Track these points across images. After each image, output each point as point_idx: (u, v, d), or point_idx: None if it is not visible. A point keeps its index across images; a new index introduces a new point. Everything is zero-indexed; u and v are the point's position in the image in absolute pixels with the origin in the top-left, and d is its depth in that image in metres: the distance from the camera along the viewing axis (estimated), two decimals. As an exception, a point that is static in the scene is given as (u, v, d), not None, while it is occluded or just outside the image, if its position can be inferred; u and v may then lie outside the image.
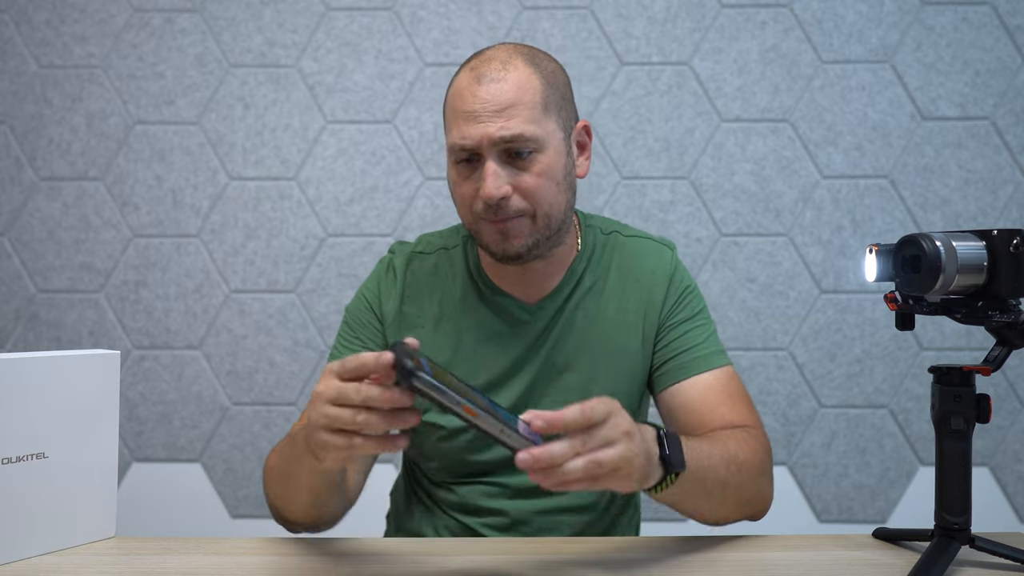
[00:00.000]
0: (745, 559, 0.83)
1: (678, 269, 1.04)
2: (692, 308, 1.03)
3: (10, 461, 0.80)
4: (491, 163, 0.89)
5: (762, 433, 0.96)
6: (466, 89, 0.90)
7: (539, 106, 0.90)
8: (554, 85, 0.93)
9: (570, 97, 0.97)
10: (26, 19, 1.83)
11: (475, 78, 0.90)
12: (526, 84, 0.90)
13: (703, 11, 1.81)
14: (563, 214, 0.94)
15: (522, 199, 0.90)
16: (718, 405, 0.96)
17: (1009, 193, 1.79)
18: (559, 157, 0.92)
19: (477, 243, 0.97)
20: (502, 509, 1.00)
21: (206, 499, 1.81)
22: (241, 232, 1.82)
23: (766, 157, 1.80)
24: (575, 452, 0.66)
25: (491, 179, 0.88)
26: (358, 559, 0.82)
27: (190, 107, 1.83)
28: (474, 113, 0.88)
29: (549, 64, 0.94)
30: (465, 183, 0.92)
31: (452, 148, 0.91)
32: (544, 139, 0.90)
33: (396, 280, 1.04)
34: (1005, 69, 1.79)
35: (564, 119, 0.94)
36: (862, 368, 1.79)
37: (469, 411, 0.63)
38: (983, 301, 0.76)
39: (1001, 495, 1.79)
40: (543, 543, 0.89)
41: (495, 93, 0.88)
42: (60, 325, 1.82)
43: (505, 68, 0.90)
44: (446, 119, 0.94)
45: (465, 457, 1.00)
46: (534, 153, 0.90)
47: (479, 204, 0.91)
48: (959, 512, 0.78)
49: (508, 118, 0.88)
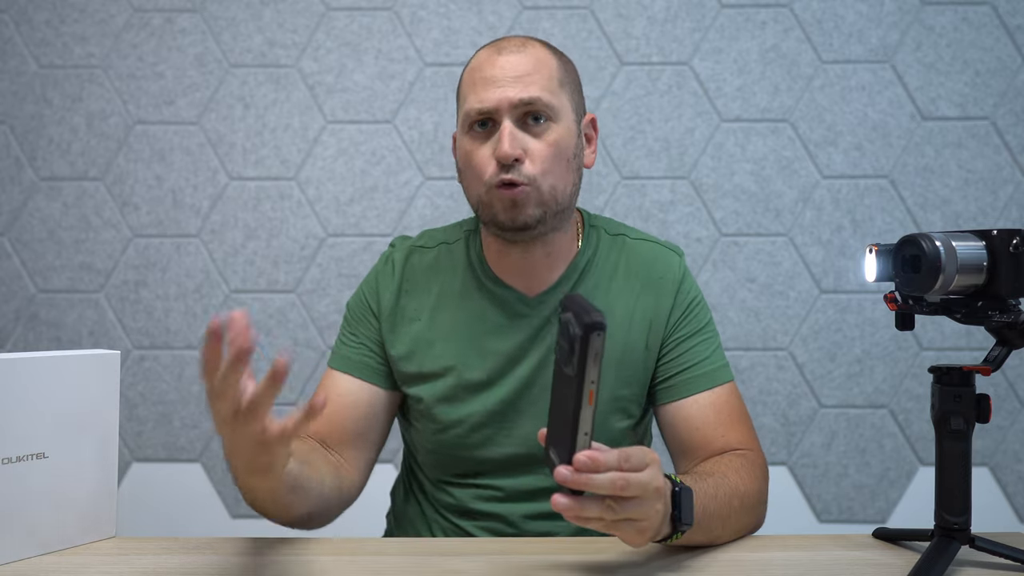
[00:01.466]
0: (745, 559, 0.83)
1: (686, 278, 1.04)
2: (698, 321, 1.02)
3: (10, 461, 0.80)
4: (508, 123, 0.92)
5: (760, 455, 0.97)
6: (485, 61, 0.94)
7: (555, 80, 0.94)
8: (568, 70, 0.98)
9: (580, 88, 1.01)
10: (26, 19, 1.83)
11: (495, 50, 0.95)
12: (544, 59, 0.95)
13: (703, 11, 1.81)
14: (569, 195, 0.96)
15: (531, 166, 0.92)
16: (719, 425, 0.97)
17: (1009, 193, 1.79)
18: (570, 136, 0.95)
19: (486, 220, 0.96)
20: (497, 513, 1.00)
21: (206, 499, 1.81)
22: (241, 232, 1.82)
23: (766, 157, 1.80)
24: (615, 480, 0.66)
25: (507, 138, 0.90)
26: (358, 559, 0.82)
27: (190, 107, 1.83)
28: (493, 78, 0.92)
29: (564, 56, 0.99)
30: (480, 149, 0.94)
31: (469, 113, 0.93)
32: (558, 110, 0.94)
33: (394, 273, 1.04)
34: (1005, 69, 1.79)
35: (575, 103, 0.98)
36: (862, 368, 1.79)
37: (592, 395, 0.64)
38: (983, 301, 0.76)
39: (1001, 495, 1.79)
40: (543, 543, 0.89)
41: (515, 63, 0.93)
42: (60, 325, 1.82)
43: (524, 45, 0.95)
44: (461, 92, 0.97)
45: (458, 453, 1.00)
46: (548, 121, 0.93)
47: (492, 168, 0.92)
48: (959, 512, 0.78)
49: (526, 84, 0.92)
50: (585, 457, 0.65)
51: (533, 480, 0.99)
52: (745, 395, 1.79)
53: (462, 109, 0.96)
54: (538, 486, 0.99)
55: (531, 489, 0.99)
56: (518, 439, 0.99)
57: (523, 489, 0.99)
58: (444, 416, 0.99)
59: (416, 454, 1.07)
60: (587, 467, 0.65)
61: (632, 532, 0.70)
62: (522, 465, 0.99)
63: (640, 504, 0.69)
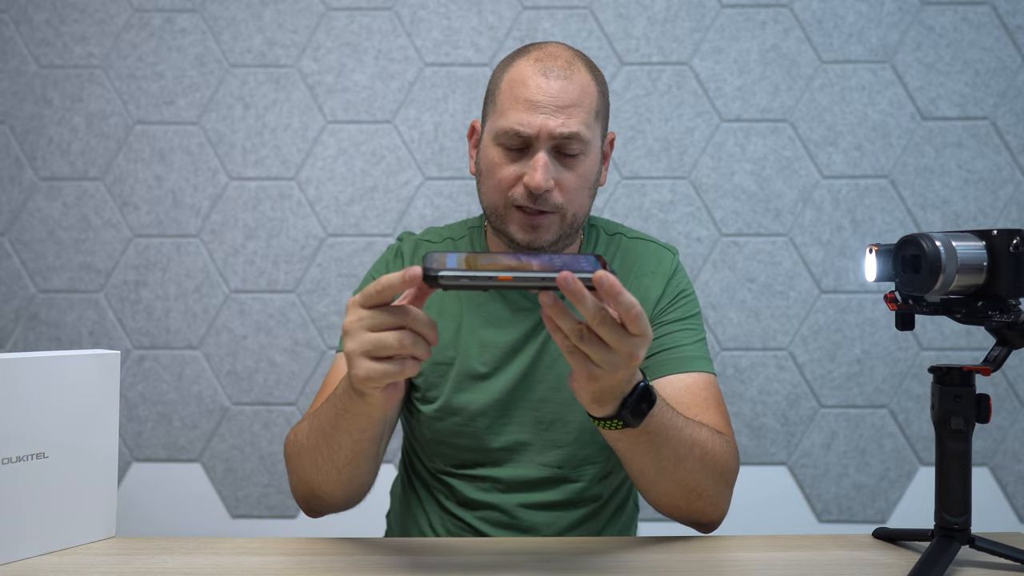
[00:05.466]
0: (745, 559, 0.83)
1: (678, 271, 1.06)
2: (685, 311, 1.03)
3: (10, 461, 0.80)
4: (543, 154, 0.91)
5: (734, 443, 0.94)
6: (531, 79, 0.92)
7: (593, 111, 0.94)
8: (604, 96, 0.98)
9: (609, 107, 1.01)
10: (26, 19, 1.83)
11: (541, 71, 0.93)
12: (588, 89, 0.94)
13: (703, 11, 1.81)
14: (585, 216, 0.98)
15: (560, 195, 0.93)
16: (693, 406, 0.95)
17: (1009, 193, 1.79)
18: (595, 164, 0.97)
19: (498, 228, 0.97)
20: (495, 503, 1.00)
21: (206, 499, 1.81)
22: (241, 232, 1.82)
23: (766, 157, 1.80)
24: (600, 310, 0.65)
25: (542, 171, 0.91)
26: (358, 559, 0.82)
27: (190, 107, 1.83)
28: (537, 104, 0.91)
29: (601, 75, 0.99)
30: (508, 167, 0.94)
31: (504, 132, 0.92)
32: (591, 143, 0.95)
33: (402, 263, 1.06)
34: (1005, 69, 1.79)
35: (603, 128, 0.99)
36: (862, 368, 1.79)
37: (503, 280, 0.64)
38: (983, 301, 0.76)
39: (1001, 495, 1.79)
40: (543, 543, 0.89)
41: (560, 90, 0.92)
42: (60, 325, 1.82)
43: (571, 68, 0.93)
44: (499, 101, 0.95)
45: (457, 442, 1.01)
46: (580, 156, 0.94)
47: (519, 191, 0.93)
48: (959, 512, 0.78)
49: (569, 116, 0.91)
50: (608, 278, 0.63)
51: (531, 470, 1.00)
52: (745, 395, 1.79)
53: (497, 121, 0.94)
54: (536, 476, 1.00)
55: (529, 479, 1.00)
56: (516, 429, 1.00)
57: (521, 479, 1.00)
58: (447, 403, 1.00)
59: (415, 443, 1.08)
60: (605, 284, 0.63)
61: (584, 373, 0.69)
62: (520, 455, 1.00)
63: (607, 353, 0.67)
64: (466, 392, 1.00)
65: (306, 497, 0.93)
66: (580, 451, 1.00)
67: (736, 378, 1.79)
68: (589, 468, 1.01)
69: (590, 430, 0.99)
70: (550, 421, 1.00)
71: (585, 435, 1.00)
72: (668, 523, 1.79)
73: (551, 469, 1.00)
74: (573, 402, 0.99)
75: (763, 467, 1.79)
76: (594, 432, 0.99)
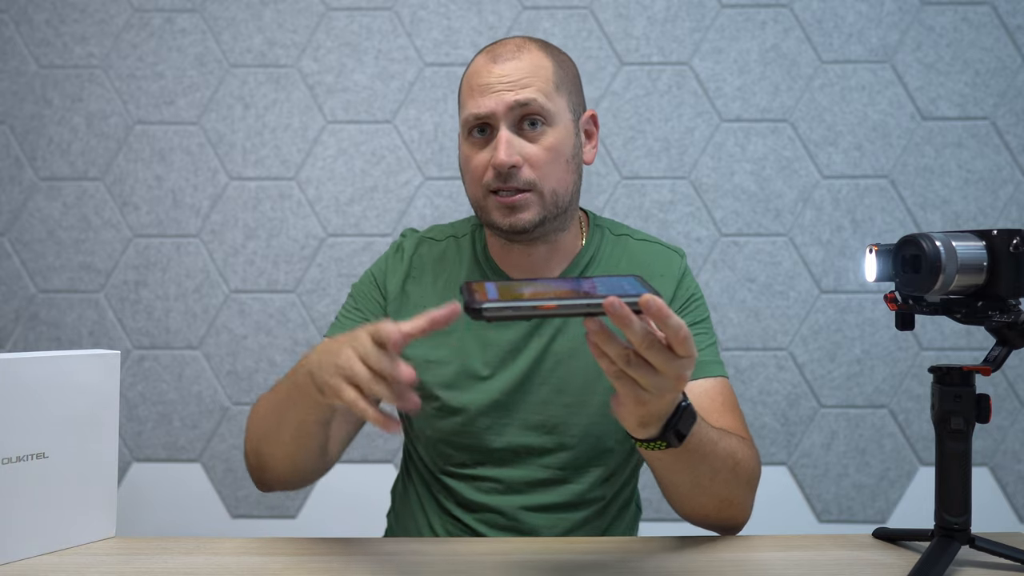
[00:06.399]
0: (745, 559, 0.83)
1: (686, 275, 1.05)
2: (696, 315, 1.03)
3: (10, 461, 0.80)
4: (504, 131, 0.93)
5: (755, 447, 0.96)
6: (482, 67, 0.96)
7: (551, 83, 0.95)
8: (565, 69, 0.98)
9: (579, 85, 1.02)
10: (26, 19, 1.83)
11: (491, 58, 0.96)
12: (539, 63, 0.96)
13: (703, 11, 1.81)
14: (569, 195, 0.98)
15: (531, 170, 0.94)
16: (712, 412, 0.96)
17: (1009, 193, 1.79)
18: (568, 136, 0.97)
19: (484, 222, 0.99)
20: (495, 506, 1.00)
21: (206, 499, 1.81)
22: (241, 232, 1.82)
23: (766, 157, 1.80)
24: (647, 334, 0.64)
25: (504, 146, 0.92)
26: (358, 559, 0.82)
27: (190, 107, 1.83)
28: (489, 85, 0.94)
29: (561, 54, 1.00)
30: (477, 155, 0.96)
31: (466, 120, 0.96)
32: (555, 114, 0.95)
33: (403, 260, 1.07)
34: (1005, 69, 1.79)
35: (573, 103, 0.99)
36: (862, 368, 1.79)
37: (546, 308, 0.64)
38: (983, 301, 0.76)
39: (1001, 495, 1.79)
40: (543, 543, 0.89)
41: (510, 69, 0.94)
42: (60, 325, 1.82)
43: (519, 50, 0.96)
44: (461, 97, 0.98)
45: (457, 442, 1.00)
46: (544, 126, 0.94)
47: (490, 175, 0.94)
48: (959, 512, 0.78)
49: (522, 88, 0.93)
50: (656, 302, 0.63)
51: (531, 472, 1.00)
52: (745, 395, 1.79)
53: (461, 115, 0.98)
54: (536, 478, 1.00)
55: (529, 481, 1.00)
56: (518, 431, 0.99)
57: (521, 481, 1.00)
58: (447, 401, 1.00)
59: (416, 444, 1.07)
60: (653, 308, 0.63)
61: (632, 398, 0.69)
62: (520, 457, 1.00)
63: (655, 377, 0.66)
64: (467, 391, 1.00)
65: (256, 469, 0.97)
66: (583, 454, 0.99)
67: (736, 378, 1.79)
68: (592, 471, 1.00)
69: (595, 434, 0.99)
70: (553, 424, 0.99)
71: (589, 439, 0.99)
72: (669, 523, 1.79)
73: (553, 471, 1.00)
74: (577, 406, 0.98)
75: (763, 467, 1.79)
76: (599, 436, 0.99)
